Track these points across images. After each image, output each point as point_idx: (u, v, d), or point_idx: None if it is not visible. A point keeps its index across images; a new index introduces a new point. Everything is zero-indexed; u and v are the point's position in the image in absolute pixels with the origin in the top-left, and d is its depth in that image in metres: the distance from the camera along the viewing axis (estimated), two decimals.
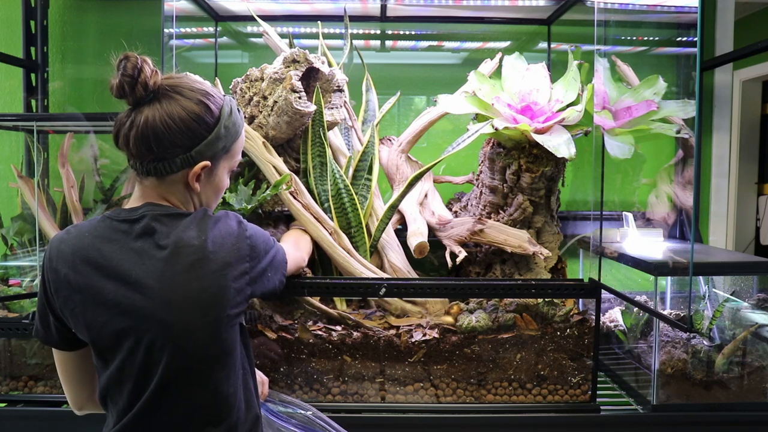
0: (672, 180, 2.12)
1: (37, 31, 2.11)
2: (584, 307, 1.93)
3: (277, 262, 1.06)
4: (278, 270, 1.06)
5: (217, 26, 2.28)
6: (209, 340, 0.91)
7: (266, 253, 1.01)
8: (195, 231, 0.91)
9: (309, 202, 1.71)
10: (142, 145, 0.90)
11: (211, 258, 0.89)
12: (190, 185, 0.95)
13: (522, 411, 1.54)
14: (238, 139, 1.00)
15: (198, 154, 0.93)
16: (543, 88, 1.75)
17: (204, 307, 0.89)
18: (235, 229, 0.95)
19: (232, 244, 0.93)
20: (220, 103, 0.95)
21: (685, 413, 1.53)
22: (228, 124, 0.95)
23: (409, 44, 2.39)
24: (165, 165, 0.91)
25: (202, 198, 0.99)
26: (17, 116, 1.97)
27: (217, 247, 0.91)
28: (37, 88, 2.12)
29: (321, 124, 1.74)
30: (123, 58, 0.90)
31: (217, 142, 0.94)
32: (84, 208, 1.82)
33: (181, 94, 0.91)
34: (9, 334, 1.61)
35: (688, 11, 2.02)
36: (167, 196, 0.96)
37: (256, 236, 0.99)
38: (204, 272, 0.89)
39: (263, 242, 1.01)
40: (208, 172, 0.96)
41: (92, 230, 0.92)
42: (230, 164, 1.01)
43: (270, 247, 1.04)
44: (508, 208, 1.80)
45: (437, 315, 1.67)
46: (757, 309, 1.66)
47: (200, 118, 0.91)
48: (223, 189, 1.02)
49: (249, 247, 0.95)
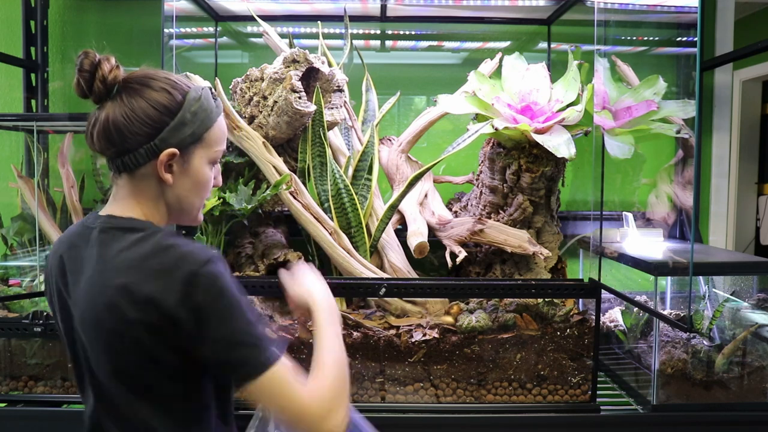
0: (672, 180, 2.12)
1: (37, 31, 2.11)
2: (584, 307, 1.93)
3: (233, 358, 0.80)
4: (233, 368, 0.81)
5: (217, 26, 2.28)
6: (115, 372, 0.86)
7: (213, 329, 0.80)
8: (131, 253, 0.84)
9: (309, 202, 1.71)
10: (104, 140, 0.87)
11: (129, 288, 0.81)
12: (161, 177, 0.89)
13: (522, 411, 1.54)
14: (213, 127, 0.92)
15: (162, 142, 0.87)
16: (543, 88, 1.75)
17: (113, 336, 0.84)
18: (181, 271, 0.80)
19: (163, 283, 0.80)
20: (186, 89, 0.90)
21: (685, 413, 1.53)
22: (195, 110, 0.89)
23: (409, 44, 2.38)
24: (131, 158, 0.88)
25: (177, 192, 0.92)
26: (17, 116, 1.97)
27: (143, 278, 0.81)
28: (37, 88, 2.12)
29: (321, 124, 1.74)
30: (81, 54, 0.87)
31: (183, 129, 0.88)
32: (84, 208, 1.82)
33: (143, 85, 0.88)
34: (9, 334, 1.61)
35: (688, 11, 2.02)
36: (139, 195, 0.91)
37: (207, 293, 0.80)
38: (116, 304, 0.82)
39: (215, 309, 0.80)
40: (180, 162, 0.90)
41: (67, 232, 0.95)
42: (208, 155, 0.93)
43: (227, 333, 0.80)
44: (508, 208, 1.80)
45: (437, 315, 1.67)
46: (757, 309, 1.66)
47: (161, 105, 0.87)
48: (204, 183, 0.94)
49: (180, 293, 0.79)
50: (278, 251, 1.73)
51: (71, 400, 1.59)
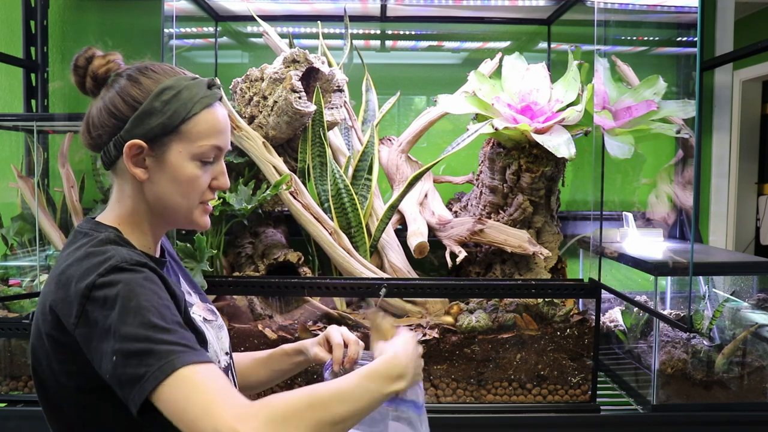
0: (672, 180, 2.12)
1: (37, 31, 2.11)
2: (584, 307, 1.93)
3: (124, 374, 0.67)
4: (123, 384, 0.68)
5: (217, 26, 2.28)
6: (39, 393, 0.81)
7: (105, 333, 0.69)
8: (64, 260, 0.78)
9: (309, 202, 1.71)
10: (85, 135, 0.85)
11: (46, 297, 0.77)
12: (131, 172, 0.82)
13: (522, 411, 1.54)
14: (194, 120, 0.82)
15: (127, 133, 0.81)
16: (543, 88, 1.75)
17: (31, 352, 0.80)
18: (86, 280, 0.72)
19: (70, 291, 0.73)
20: (159, 78, 0.83)
21: (685, 413, 1.53)
22: (167, 99, 0.81)
23: (409, 44, 2.38)
24: (105, 153, 0.84)
25: (156, 190, 0.84)
26: (17, 116, 1.97)
27: (58, 285, 0.75)
28: (37, 88, 2.12)
29: (321, 124, 1.74)
30: (81, 51, 0.85)
31: (148, 119, 0.80)
32: (84, 208, 1.82)
33: (121, 76, 0.84)
34: (9, 334, 1.61)
35: (688, 11, 2.02)
36: (120, 193, 0.87)
37: (100, 304, 0.70)
38: (38, 309, 0.78)
39: (109, 320, 0.69)
40: (153, 156, 0.82)
41: None
42: (190, 149, 0.83)
43: (123, 341, 0.68)
44: (508, 208, 1.80)
45: (437, 315, 1.67)
46: (757, 309, 1.66)
47: (128, 94, 0.81)
48: (186, 179, 0.84)
49: (81, 307, 0.71)
50: (278, 251, 1.74)
51: None
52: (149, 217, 0.87)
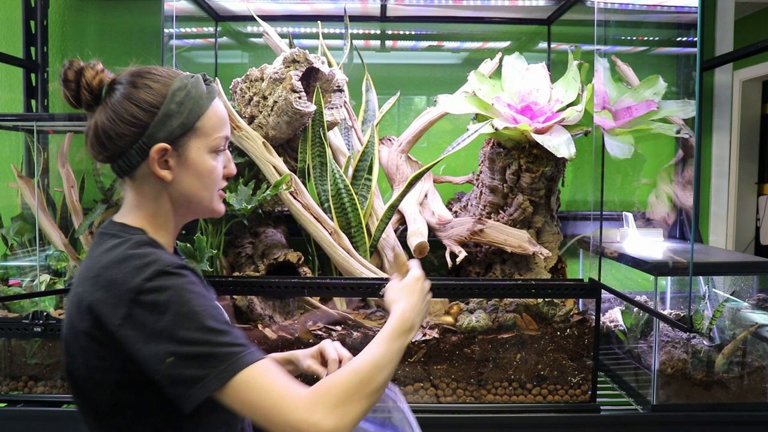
0: (672, 180, 2.12)
1: (37, 31, 2.11)
2: (584, 307, 1.93)
3: (181, 374, 0.72)
4: (178, 384, 0.73)
5: (217, 26, 2.28)
6: (73, 389, 0.83)
7: (159, 340, 0.73)
8: (98, 262, 0.81)
9: (309, 202, 1.71)
10: (97, 146, 0.85)
11: (84, 297, 0.79)
12: (159, 175, 0.85)
13: (522, 411, 1.54)
14: (206, 115, 0.87)
15: (150, 139, 0.84)
16: (543, 88, 1.75)
17: (68, 346, 0.82)
18: (130, 283, 0.75)
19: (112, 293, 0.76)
20: (168, 81, 0.86)
21: (685, 413, 1.53)
22: (181, 100, 0.85)
23: (409, 44, 2.38)
24: (125, 160, 0.85)
25: (181, 188, 0.87)
26: (17, 116, 1.97)
27: (97, 287, 0.78)
28: (37, 88, 2.12)
29: (321, 124, 1.74)
30: (65, 65, 0.85)
31: (169, 121, 0.84)
32: (84, 208, 1.82)
33: (127, 84, 0.85)
34: (9, 334, 1.61)
35: (688, 11, 2.02)
36: (140, 197, 0.88)
37: (150, 308, 0.74)
38: (74, 310, 0.80)
39: (160, 325, 0.73)
40: (176, 157, 0.86)
41: None
42: (207, 143, 0.88)
43: (179, 342, 0.73)
44: (508, 208, 1.80)
45: (437, 315, 1.67)
46: (757, 309, 1.66)
47: (144, 101, 0.84)
48: (208, 172, 0.88)
49: (128, 310, 0.74)
50: (278, 251, 1.73)
51: (71, 400, 1.59)
52: (173, 216, 0.90)
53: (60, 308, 1.74)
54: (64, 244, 1.77)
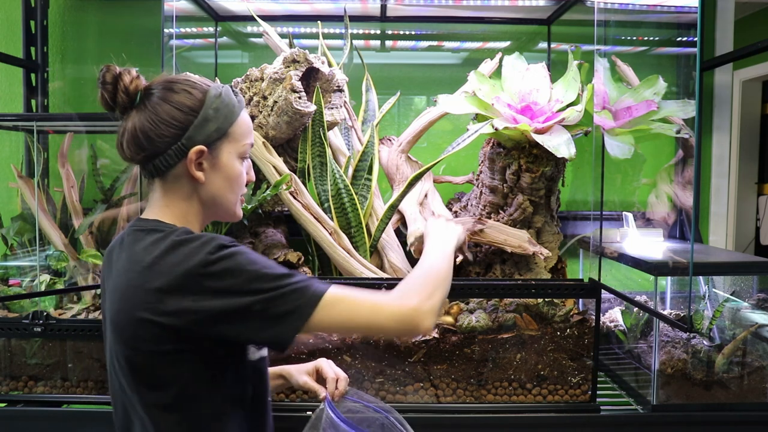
0: (672, 180, 2.12)
1: (37, 31, 2.11)
2: (584, 307, 1.93)
3: (275, 312, 0.83)
4: (276, 323, 0.83)
5: (217, 26, 2.28)
6: (130, 373, 0.87)
7: (243, 296, 0.82)
8: (149, 253, 0.86)
9: (309, 202, 1.71)
10: (134, 147, 0.90)
11: (145, 286, 0.84)
12: (194, 175, 0.91)
13: (522, 411, 1.54)
14: (237, 122, 0.94)
15: (189, 140, 0.90)
16: (543, 88, 1.75)
17: (122, 337, 0.86)
18: (192, 260, 0.83)
19: (175, 276, 0.82)
20: (205, 87, 0.93)
21: (685, 413, 1.53)
22: (217, 106, 0.92)
23: (409, 44, 2.38)
24: (161, 160, 0.91)
25: (210, 189, 0.94)
26: (17, 116, 1.97)
27: (157, 274, 0.83)
28: (37, 88, 2.12)
29: (321, 124, 1.74)
30: (102, 69, 0.90)
31: (207, 125, 0.91)
32: (84, 208, 1.82)
33: (164, 89, 0.91)
34: (9, 334, 1.61)
35: (688, 11, 2.02)
36: (171, 196, 0.94)
37: (225, 275, 0.82)
38: (134, 300, 0.84)
39: (242, 283, 0.82)
40: (210, 159, 0.92)
41: (117, 236, 0.99)
42: (237, 149, 0.95)
43: (260, 291, 0.82)
44: (508, 208, 1.80)
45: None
46: (757, 309, 1.66)
47: (184, 105, 0.90)
48: (236, 176, 0.96)
49: (199, 285, 0.82)
50: (278, 251, 1.73)
51: (71, 400, 1.60)
52: (200, 216, 0.96)
53: (60, 308, 1.74)
54: (64, 244, 1.77)
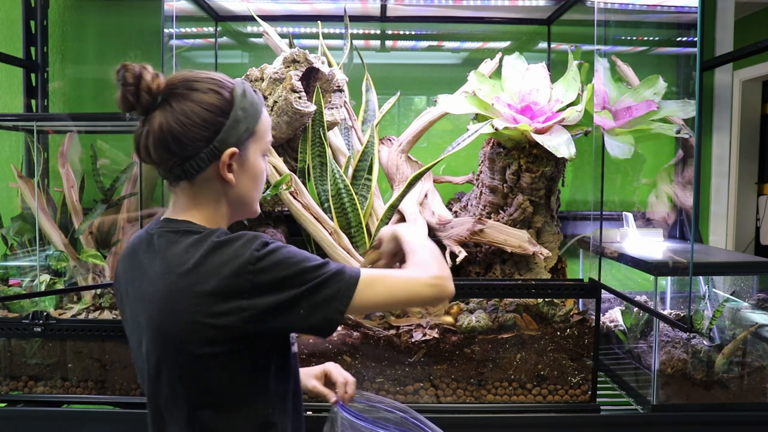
0: (672, 180, 2.12)
1: (37, 31, 2.11)
2: (584, 307, 1.93)
3: (319, 298, 0.86)
4: (322, 307, 0.86)
5: (217, 26, 2.28)
6: (182, 375, 0.86)
7: (290, 288, 0.85)
8: (189, 255, 0.85)
9: (309, 202, 1.71)
10: (161, 150, 0.87)
11: (191, 289, 0.83)
12: (225, 178, 0.90)
13: (522, 411, 1.54)
14: (261, 119, 0.93)
15: (222, 143, 0.88)
16: (543, 88, 1.75)
17: (167, 342, 0.85)
18: (240, 259, 0.84)
19: (224, 276, 0.83)
20: (230, 86, 0.90)
21: (685, 413, 1.53)
22: (244, 106, 0.90)
23: (409, 44, 2.38)
24: (192, 164, 0.88)
25: (239, 190, 0.93)
26: (17, 116, 1.97)
27: (203, 276, 0.83)
28: (37, 88, 2.12)
29: (321, 124, 1.74)
30: (120, 68, 0.86)
31: (238, 126, 0.89)
32: (84, 208, 1.82)
33: (189, 89, 0.88)
34: (9, 334, 1.61)
35: (688, 11, 2.02)
36: (199, 198, 0.92)
37: (273, 270, 0.84)
38: (180, 304, 0.83)
39: (287, 277, 0.85)
40: (239, 160, 0.91)
41: (133, 238, 0.97)
42: (261, 147, 0.94)
43: (304, 282, 0.85)
44: (508, 208, 1.80)
45: (437, 315, 1.67)
46: (757, 309, 1.66)
47: (214, 107, 0.87)
48: (260, 175, 0.95)
49: (249, 282, 0.83)
50: None
51: (71, 400, 1.60)
52: (227, 217, 0.95)
53: (60, 308, 1.74)
54: (64, 244, 1.77)
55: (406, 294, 0.92)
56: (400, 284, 0.92)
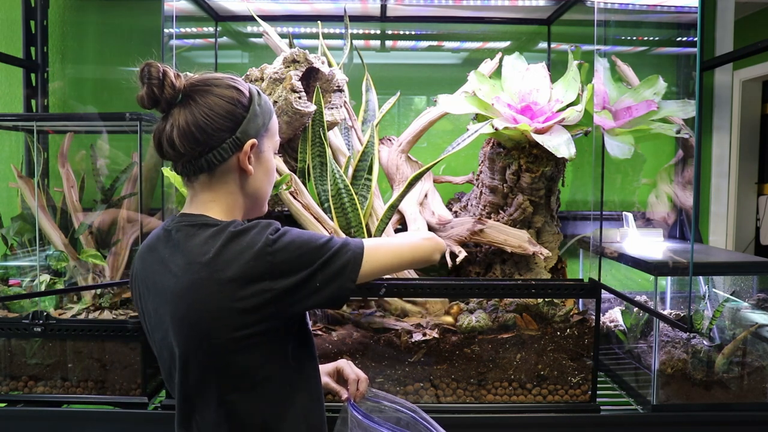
0: (672, 180, 2.12)
1: (37, 31, 2.11)
2: (584, 307, 1.93)
3: (332, 271, 0.93)
4: (335, 279, 0.93)
5: (217, 26, 2.28)
6: (211, 362, 0.89)
7: (306, 265, 0.91)
8: (209, 246, 0.88)
9: (309, 202, 1.71)
10: (187, 141, 0.91)
11: (214, 277, 0.86)
12: (244, 169, 0.95)
13: (522, 411, 1.54)
14: (273, 117, 1.00)
15: (243, 134, 0.94)
16: (543, 88, 1.75)
17: (203, 330, 0.87)
18: (258, 244, 0.89)
19: (245, 261, 0.87)
20: (246, 85, 0.98)
21: (685, 413, 1.53)
22: (260, 103, 0.97)
23: (409, 44, 2.39)
24: (216, 153, 0.93)
25: (255, 183, 0.99)
26: (17, 116, 1.97)
27: (225, 264, 0.87)
28: (37, 88, 2.12)
29: (321, 124, 1.74)
30: (145, 66, 0.91)
31: (256, 119, 0.95)
32: (84, 208, 1.82)
33: (210, 85, 0.94)
34: (9, 334, 1.61)
35: (688, 11, 2.02)
36: (218, 191, 0.96)
37: (288, 250, 0.90)
38: (205, 293, 0.86)
39: (301, 255, 0.91)
40: (256, 153, 0.97)
41: (150, 236, 1.00)
42: (273, 144, 1.01)
43: (316, 258, 0.92)
44: (508, 208, 1.80)
45: (437, 315, 1.67)
46: (757, 309, 1.66)
47: (236, 100, 0.93)
48: (273, 170, 1.02)
49: (269, 264, 0.88)
50: None
51: (71, 400, 1.60)
52: (243, 210, 1.00)
53: (60, 308, 1.74)
54: (64, 244, 1.77)
55: (410, 251, 1.02)
56: (401, 245, 1.02)
